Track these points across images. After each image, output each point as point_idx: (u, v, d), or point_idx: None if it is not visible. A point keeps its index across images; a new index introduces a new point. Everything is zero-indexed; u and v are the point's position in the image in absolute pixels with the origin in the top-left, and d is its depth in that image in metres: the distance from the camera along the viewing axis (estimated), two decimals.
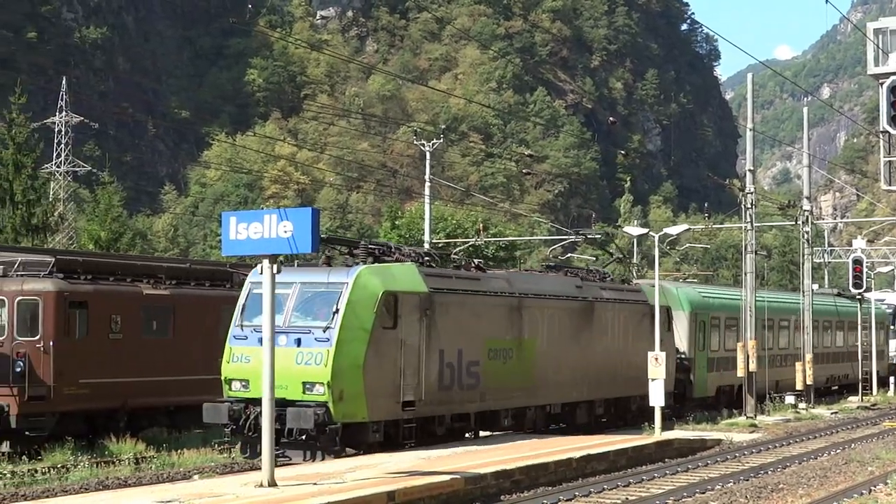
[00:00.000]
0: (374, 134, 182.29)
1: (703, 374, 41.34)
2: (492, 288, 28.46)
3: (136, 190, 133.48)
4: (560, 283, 32.24)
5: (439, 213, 73.63)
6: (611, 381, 33.18)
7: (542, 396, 30.10)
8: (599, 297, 33.05)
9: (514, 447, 25.99)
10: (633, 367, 33.30)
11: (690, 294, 41.68)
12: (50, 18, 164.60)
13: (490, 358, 27.86)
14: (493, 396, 28.02)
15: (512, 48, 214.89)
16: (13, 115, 52.88)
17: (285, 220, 18.61)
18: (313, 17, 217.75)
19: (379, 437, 24.49)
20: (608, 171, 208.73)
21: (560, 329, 30.92)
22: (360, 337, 23.93)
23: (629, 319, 34.34)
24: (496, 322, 28.29)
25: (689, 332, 40.08)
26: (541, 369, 29.76)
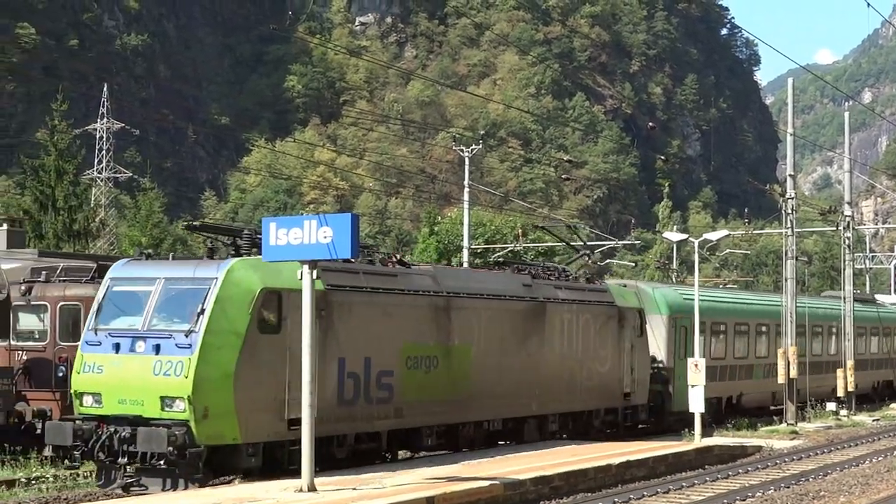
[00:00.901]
0: (413, 139, 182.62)
1: (684, 386, 35.04)
2: (412, 286, 24.45)
3: (176, 196, 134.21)
4: (503, 281, 28.16)
5: (478, 219, 73.66)
6: (568, 392, 29.39)
7: (478, 411, 26.05)
8: (553, 297, 29.12)
9: (553, 453, 25.93)
10: (596, 377, 30.28)
11: (669, 296, 37.37)
12: (91, 26, 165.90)
13: (408, 367, 23.91)
14: (412, 412, 24.03)
15: (551, 53, 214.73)
16: (55, 122, 53.39)
17: (325, 225, 18.64)
18: (352, 24, 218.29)
19: (256, 461, 20.64)
20: (647, 177, 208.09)
21: (502, 333, 26.95)
22: (231, 342, 20.16)
23: (591, 323, 30.46)
24: (417, 325, 24.35)
25: (668, 338, 36.07)
26: (476, 380, 25.73)
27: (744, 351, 41.37)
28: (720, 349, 39.54)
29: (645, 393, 32.99)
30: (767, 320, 42.88)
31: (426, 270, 26.04)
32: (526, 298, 28.11)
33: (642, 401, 32.79)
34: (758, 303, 44.34)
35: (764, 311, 43.40)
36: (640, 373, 32.31)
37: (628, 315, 32.04)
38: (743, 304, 42.35)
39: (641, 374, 32.47)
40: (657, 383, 34.77)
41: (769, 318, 42.89)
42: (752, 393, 41.79)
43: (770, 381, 41.38)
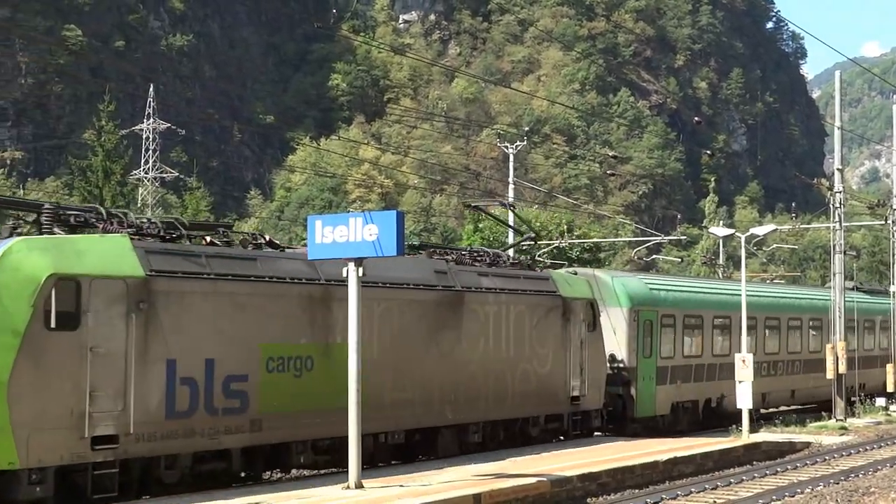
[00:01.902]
0: (458, 136, 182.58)
1: (648, 388, 32.66)
2: (277, 272, 20.63)
3: (222, 195, 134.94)
4: (408, 267, 23.88)
5: (523, 216, 73.50)
6: (496, 398, 25.48)
7: (371, 421, 21.11)
8: (475, 286, 25.26)
9: (599, 450, 25.88)
10: (533, 379, 26.65)
11: (631, 285, 33.25)
12: (137, 27, 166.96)
13: (270, 370, 20.11)
14: (275, 424, 20.06)
15: (595, 49, 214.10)
16: (102, 123, 53.79)
17: (370, 223, 18.72)
18: (396, 22, 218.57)
19: (44, 489, 16.79)
20: (693, 172, 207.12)
21: (404, 329, 23.12)
22: (5, 343, 16.53)
23: (527, 316, 26.62)
24: (284, 320, 20.55)
25: (629, 333, 31.96)
26: (368, 384, 20.58)
27: (724, 347, 36.94)
28: (696, 345, 35.57)
29: (599, 396, 29.26)
30: (754, 313, 38.04)
31: (300, 254, 21.42)
32: (438, 287, 24.19)
33: (596, 405, 29.08)
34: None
35: (749, 302, 38.36)
36: (592, 373, 28.58)
37: (576, 307, 28.28)
38: (724, 296, 37.87)
39: (595, 375, 28.77)
40: (616, 385, 31.17)
41: (757, 311, 38.67)
42: (734, 395, 35.66)
43: (759, 381, 36.69)
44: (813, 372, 41.77)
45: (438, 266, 24.96)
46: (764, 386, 38.53)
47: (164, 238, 19.52)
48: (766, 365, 39.39)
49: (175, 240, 19.71)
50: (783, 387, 40.81)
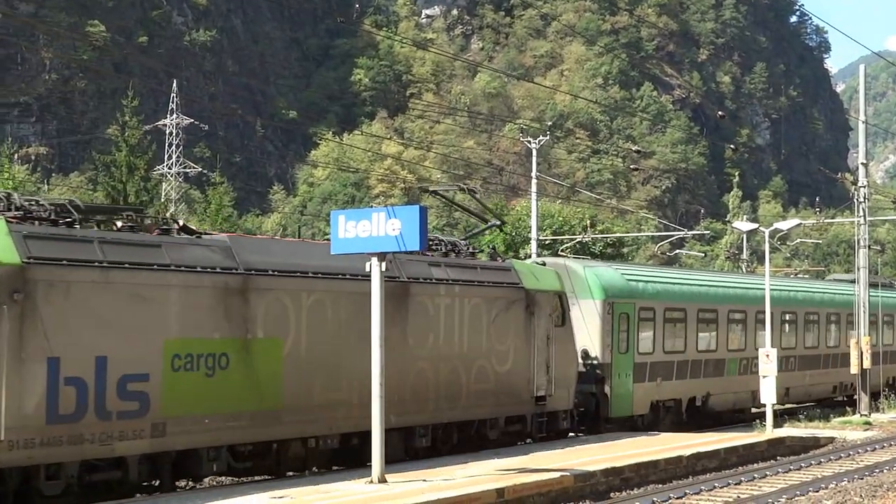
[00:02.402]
0: (480, 131, 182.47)
1: (625, 386, 30.48)
2: (186, 260, 18.63)
3: (245, 190, 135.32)
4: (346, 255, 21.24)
5: (546, 210, 73.48)
6: (449, 398, 23.42)
7: (298, 425, 20.17)
8: (424, 276, 23.24)
9: (622, 444, 25.85)
10: (491, 378, 24.50)
11: (606, 276, 30.90)
12: (160, 23, 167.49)
13: (176, 369, 18.13)
14: (181, 429, 18.15)
15: (618, 43, 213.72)
16: (126, 118, 53.91)
17: (393, 217, 18.76)
18: (418, 16, 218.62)
19: None
20: (716, 167, 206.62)
21: (339, 323, 21.05)
22: None
23: (486, 310, 24.53)
24: (192, 313, 18.57)
25: (603, 328, 29.76)
26: (294, 384, 19.96)
27: (711, 343, 35.03)
28: (678, 341, 33.36)
29: (569, 396, 27.15)
30: (743, 306, 36.69)
31: (216, 241, 19.78)
32: None
33: (565, 405, 26.94)
34: (731, 286, 37.69)
35: (739, 295, 37.22)
36: (560, 371, 26.44)
37: (541, 300, 26.15)
38: (709, 288, 35.83)
39: (563, 374, 26.64)
40: (589, 383, 29.14)
41: (745, 304, 36.83)
42: (722, 393, 35.37)
43: (748, 378, 35.85)
44: (811, 368, 40.57)
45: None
46: (753, 383, 35.65)
47: (55, 222, 17.43)
48: (757, 362, 36.94)
49: (71, 224, 17.62)
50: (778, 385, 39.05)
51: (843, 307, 43.20)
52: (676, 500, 20.43)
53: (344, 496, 17.71)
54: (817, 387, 41.12)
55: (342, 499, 17.43)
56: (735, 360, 35.98)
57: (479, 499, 18.15)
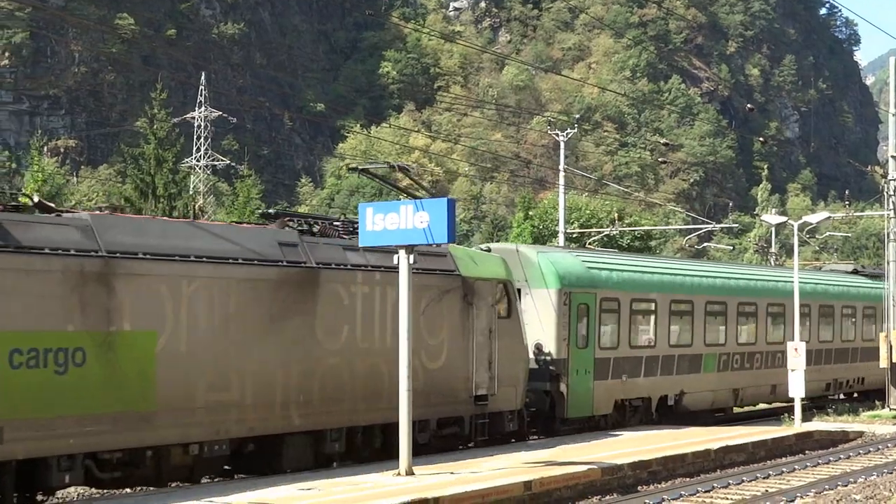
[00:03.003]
0: (508, 124, 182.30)
1: (585, 384, 27.73)
2: (29, 240, 16.30)
3: (273, 183, 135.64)
4: (239, 237, 19.59)
5: (573, 203, 73.36)
6: (367, 398, 21.04)
7: (177, 429, 17.84)
8: (337, 261, 20.83)
9: (649, 437, 25.81)
10: (420, 376, 21.70)
11: (562, 263, 27.97)
12: (188, 16, 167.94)
13: (15, 366, 15.90)
14: (22, 434, 15.90)
15: (646, 36, 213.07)
16: (155, 111, 54.14)
17: (421, 210, 18.78)
18: (446, 9, 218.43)
19: None
20: (745, 159, 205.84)
21: (228, 314, 18.73)
22: None
23: (413, 300, 20.68)
24: (38, 301, 16.26)
25: (559, 320, 27.01)
26: (173, 383, 17.72)
27: (686, 337, 32.23)
28: (647, 334, 30.70)
29: (516, 395, 24.69)
30: (722, 297, 33.92)
31: (76, 219, 17.42)
32: (281, 263, 19.76)
33: (511, 405, 24.50)
34: (709, 275, 34.57)
35: (717, 285, 34.35)
36: (506, 368, 23.94)
37: (482, 289, 23.67)
38: (684, 277, 32.89)
39: (510, 370, 24.16)
40: (542, 381, 26.68)
41: (725, 295, 34.15)
42: (698, 391, 32.55)
43: (728, 375, 33.84)
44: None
45: (285, 237, 20.30)
46: (735, 380, 34.34)
47: None
48: (739, 357, 34.60)
49: None
50: (758, 381, 35.72)
51: (837, 299, 40.27)
52: (704, 494, 20.39)
53: (373, 488, 17.75)
54: (809, 384, 36.06)
55: (370, 491, 17.48)
56: (713, 356, 33.10)
57: (507, 491, 18.17)
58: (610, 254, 33.53)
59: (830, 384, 40.11)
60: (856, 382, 41.69)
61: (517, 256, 26.91)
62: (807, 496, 20.21)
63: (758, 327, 35.50)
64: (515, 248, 28.54)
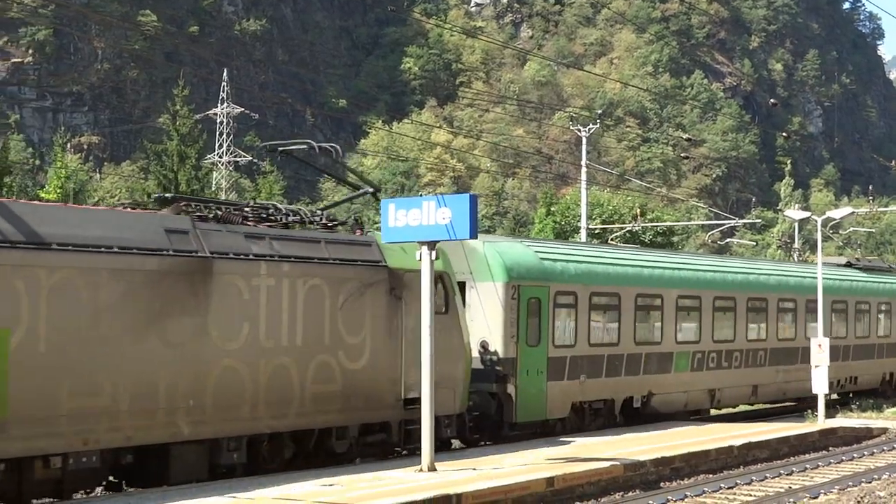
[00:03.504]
0: (530, 120, 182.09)
1: (536, 385, 25.25)
2: None
3: (295, 179, 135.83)
4: (115, 223, 17.26)
5: (595, 199, 73.28)
6: (273, 403, 19.01)
7: (38, 440, 15.82)
8: (238, 251, 18.64)
9: (672, 434, 25.76)
10: (338, 378, 20.05)
11: (512, 255, 25.47)
12: (211, 12, 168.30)
13: None
14: None
15: (668, 31, 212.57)
16: (177, 108, 54.28)
17: (443, 206, 18.77)
18: (468, 5, 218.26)
19: None
20: (768, 155, 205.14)
21: (98, 309, 16.53)
22: None
23: (330, 293, 19.98)
24: None
25: (506, 315, 24.60)
26: (30, 388, 15.64)
27: (654, 334, 29.71)
28: (609, 331, 28.08)
29: (454, 398, 22.51)
30: (696, 291, 31.35)
31: None
32: (167, 252, 17.52)
33: (449, 409, 22.35)
34: (681, 267, 31.84)
35: (690, 278, 31.72)
36: (442, 368, 21.04)
37: (414, 282, 20.86)
38: (653, 269, 30.25)
39: (446, 371, 21.69)
40: (488, 382, 24.34)
41: (700, 289, 31.60)
42: (669, 392, 30.09)
43: (704, 374, 31.35)
44: (786, 363, 35.09)
45: (174, 224, 18.08)
46: (711, 380, 31.93)
47: None
48: (716, 355, 32.05)
49: None
50: (738, 381, 33.24)
51: (827, 293, 35.53)
52: (727, 491, 20.35)
53: (395, 484, 17.76)
54: (792, 384, 35.19)
55: (393, 486, 17.49)
56: (686, 355, 30.61)
57: (530, 487, 18.16)
58: (568, 244, 32.19)
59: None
60: (848, 382, 38.78)
61: (461, 247, 24.07)
62: (830, 493, 20.14)
63: (736, 324, 32.96)
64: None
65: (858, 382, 39.13)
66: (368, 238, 21.41)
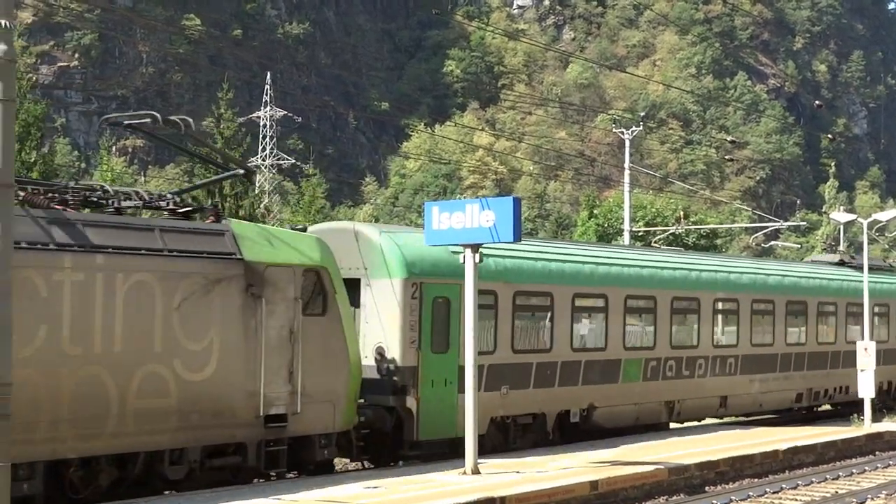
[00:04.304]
0: (572, 122, 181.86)
1: (445, 398, 21.60)
2: None
3: (337, 182, 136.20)
4: None
5: (638, 202, 73.07)
6: (83, 421, 15.91)
7: None
8: (33, 240, 15.59)
9: (716, 438, 25.64)
10: (173, 391, 16.92)
11: (414, 248, 21.61)
12: (254, 16, 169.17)
13: None
14: None
15: (711, 32, 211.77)
16: (221, 111, 54.48)
17: (487, 209, 18.74)
18: (510, 7, 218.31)
19: None
20: (812, 157, 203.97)
21: None
22: None
23: (163, 291, 16.88)
24: None
25: (405, 317, 21.13)
26: None
27: (598, 339, 25.72)
28: (539, 336, 24.28)
29: (333, 413, 19.21)
30: (648, 291, 27.24)
31: None
32: None
33: (326, 426, 19.18)
34: (630, 263, 27.48)
35: (641, 276, 27.37)
36: (317, 380, 18.72)
37: (278, 278, 18.41)
38: (595, 265, 26.08)
39: (323, 382, 18.90)
40: (384, 394, 20.97)
41: (653, 288, 27.36)
42: (615, 405, 25.94)
43: (659, 385, 27.17)
44: (763, 371, 31.21)
45: None
46: (668, 391, 27.74)
47: None
48: (675, 363, 28.00)
49: None
50: (705, 392, 29.14)
51: (813, 294, 33.60)
52: (773, 495, 20.23)
53: (439, 486, 17.77)
54: (771, 395, 31.78)
55: (437, 489, 17.49)
56: (637, 362, 26.63)
57: (573, 491, 18.13)
58: None
59: (803, 394, 33.18)
60: (837, 392, 34.57)
61: (354, 238, 21.31)
62: (877, 498, 19.99)
63: (700, 327, 28.88)
64: (353, 227, 22.33)
65: (850, 392, 33.44)
66: (221, 226, 18.21)
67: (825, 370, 33.70)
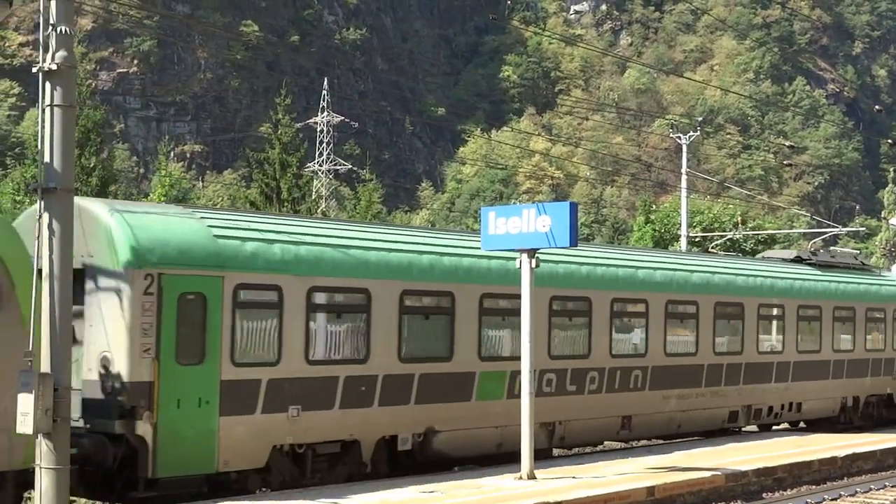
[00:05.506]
0: (629, 127, 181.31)
1: (196, 422, 16.92)
2: None
3: (394, 187, 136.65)
4: None
5: (695, 207, 72.74)
6: None
7: None
8: None
9: (773, 444, 25.48)
10: None
11: (152, 228, 17.00)
12: (312, 22, 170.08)
13: None
14: None
15: (769, 37, 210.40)
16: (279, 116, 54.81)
17: (543, 214, 18.74)
18: (567, 13, 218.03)
19: None
20: (871, 162, 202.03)
21: None
22: None
23: None
24: None
25: (133, 318, 16.32)
26: None
27: (437, 347, 20.51)
28: (350, 343, 19.11)
29: (14, 445, 14.72)
30: (510, 289, 20.54)
31: None
32: None
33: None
34: (490, 255, 21.12)
35: (505, 270, 20.77)
36: None
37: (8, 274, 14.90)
38: (434, 255, 20.66)
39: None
40: (108, 419, 16.25)
41: (516, 286, 19.50)
42: (461, 429, 20.68)
43: (541, 402, 20.59)
44: (679, 386, 25.40)
45: None
46: (547, 411, 21.77)
47: None
48: (555, 376, 22.33)
49: None
50: (599, 412, 23.43)
51: (748, 294, 27.90)
52: (831, 502, 20.08)
53: (495, 491, 17.78)
54: (694, 413, 26.08)
55: (493, 494, 17.51)
56: (499, 376, 21.21)
57: (630, 496, 18.08)
58: (273, 217, 21.23)
59: (738, 412, 27.65)
60: (785, 409, 29.20)
61: (78, 217, 15.77)
62: None
63: (592, 333, 23.28)
64: (77, 203, 16.15)
65: (803, 409, 29.77)
66: None
67: (771, 383, 28.50)
